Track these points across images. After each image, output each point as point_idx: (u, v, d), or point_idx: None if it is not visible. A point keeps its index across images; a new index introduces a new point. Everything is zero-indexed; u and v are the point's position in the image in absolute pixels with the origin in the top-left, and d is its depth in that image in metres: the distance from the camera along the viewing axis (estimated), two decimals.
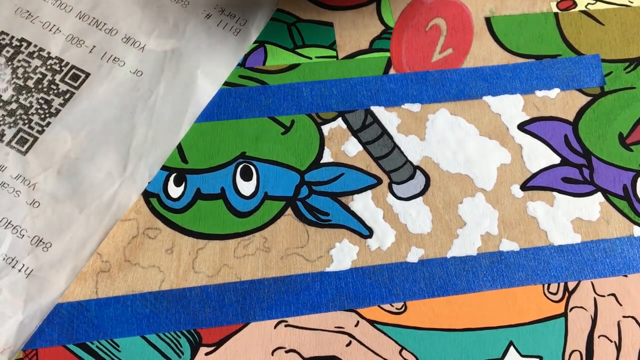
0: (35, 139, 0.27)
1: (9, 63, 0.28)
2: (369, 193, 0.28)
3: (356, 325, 0.26)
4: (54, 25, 0.29)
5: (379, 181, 0.28)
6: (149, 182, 0.28)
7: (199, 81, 0.29)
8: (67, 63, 0.29)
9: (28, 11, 0.30)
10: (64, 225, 0.26)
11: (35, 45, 0.29)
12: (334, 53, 0.30)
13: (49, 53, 0.29)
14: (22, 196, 0.27)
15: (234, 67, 0.30)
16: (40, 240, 0.26)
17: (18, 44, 0.29)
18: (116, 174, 0.27)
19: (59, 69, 0.29)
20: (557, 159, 0.29)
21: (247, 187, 0.28)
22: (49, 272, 0.26)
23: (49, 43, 0.29)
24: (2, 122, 0.27)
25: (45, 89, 0.28)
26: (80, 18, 0.30)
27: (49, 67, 0.29)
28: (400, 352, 0.25)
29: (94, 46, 0.29)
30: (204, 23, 0.30)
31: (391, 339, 0.26)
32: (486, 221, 0.28)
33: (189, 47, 0.29)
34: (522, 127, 0.29)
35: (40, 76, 0.28)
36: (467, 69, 0.30)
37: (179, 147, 0.28)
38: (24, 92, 0.28)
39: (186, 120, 0.28)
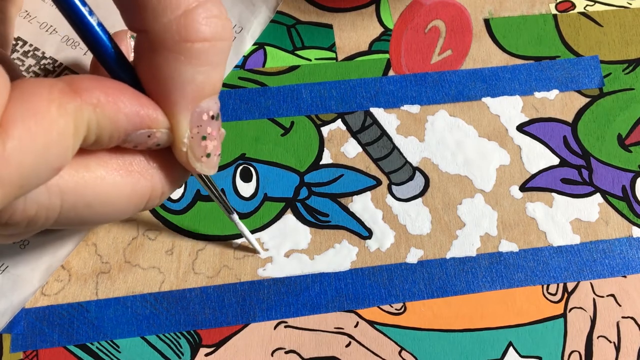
0: None
1: None
2: (368, 194, 0.28)
3: (356, 326, 0.26)
4: (51, 26, 0.29)
5: (379, 182, 0.28)
6: None
7: None
8: (61, 64, 0.29)
9: (26, 11, 0.30)
10: None
11: (31, 45, 0.29)
12: (333, 55, 0.31)
13: (43, 53, 0.29)
14: None
15: (227, 72, 0.30)
16: None
17: (14, 42, 0.29)
18: None
19: (52, 69, 0.29)
20: (556, 160, 0.29)
21: (246, 189, 0.28)
22: (24, 270, 0.25)
23: (44, 43, 0.29)
24: None
25: None
26: None
27: (42, 66, 0.29)
28: (399, 353, 0.25)
29: None
30: None
31: (391, 339, 0.26)
32: (485, 222, 0.28)
33: None
34: (521, 128, 0.30)
35: (33, 75, 0.28)
36: (466, 70, 0.31)
37: None
38: None
39: None
